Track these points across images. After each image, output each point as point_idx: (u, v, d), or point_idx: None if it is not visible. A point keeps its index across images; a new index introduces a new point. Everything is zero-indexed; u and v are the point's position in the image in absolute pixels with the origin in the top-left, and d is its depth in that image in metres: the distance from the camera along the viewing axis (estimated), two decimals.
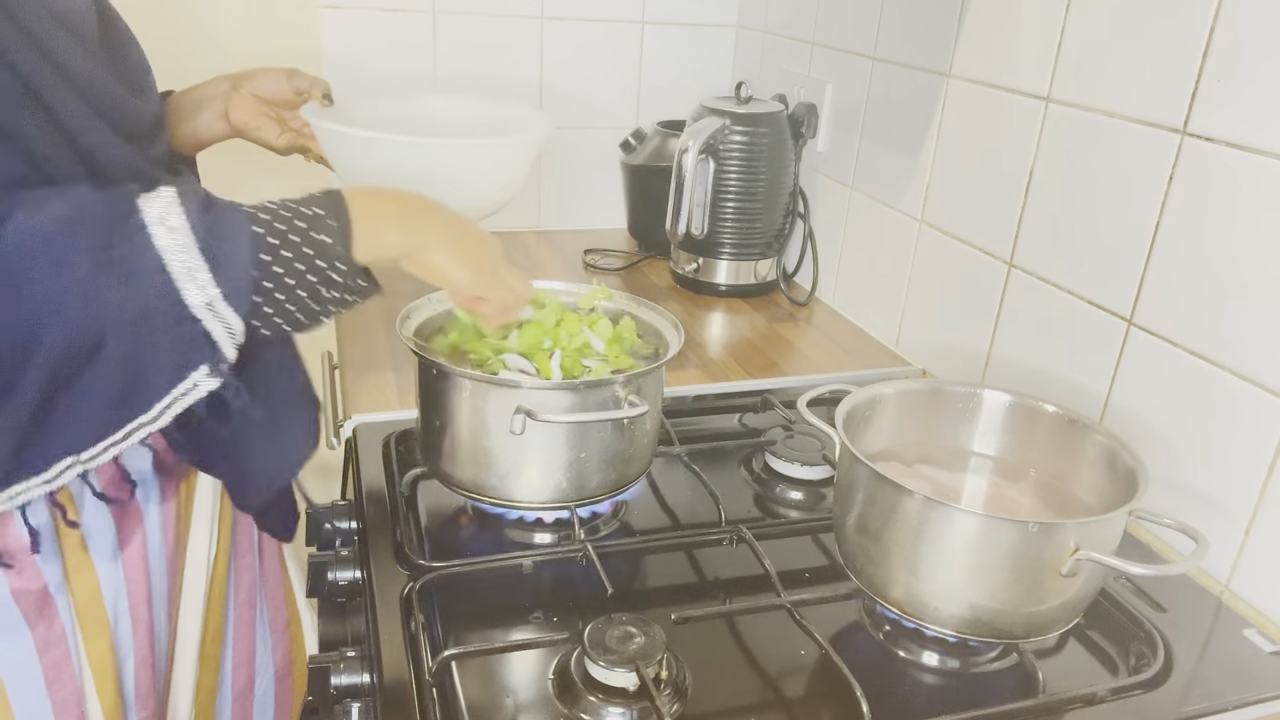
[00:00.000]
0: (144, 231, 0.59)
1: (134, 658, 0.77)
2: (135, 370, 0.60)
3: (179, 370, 0.61)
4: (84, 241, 0.57)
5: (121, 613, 0.75)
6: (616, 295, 0.93)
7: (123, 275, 0.58)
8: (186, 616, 0.84)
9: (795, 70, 1.43)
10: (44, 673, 0.71)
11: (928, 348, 1.17)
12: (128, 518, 0.75)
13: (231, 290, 0.61)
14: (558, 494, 0.79)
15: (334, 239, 0.66)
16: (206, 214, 0.61)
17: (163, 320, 0.59)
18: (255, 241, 0.63)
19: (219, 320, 0.61)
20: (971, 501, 0.77)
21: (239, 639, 0.92)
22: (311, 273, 0.65)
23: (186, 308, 0.60)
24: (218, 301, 0.61)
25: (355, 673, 0.69)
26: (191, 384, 0.62)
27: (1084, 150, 0.90)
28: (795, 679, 0.69)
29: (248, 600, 0.92)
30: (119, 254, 0.58)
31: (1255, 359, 0.76)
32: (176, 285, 0.59)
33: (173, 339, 0.60)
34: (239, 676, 0.92)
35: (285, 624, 0.98)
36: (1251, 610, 0.77)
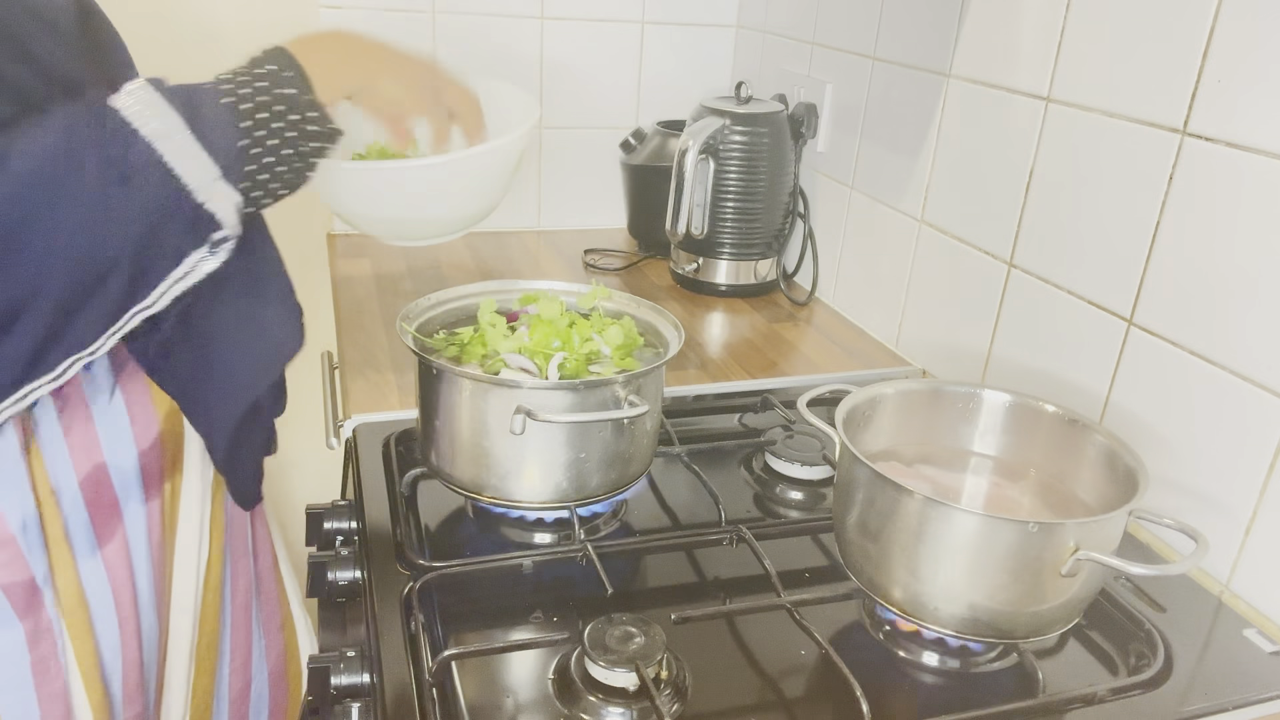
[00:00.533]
0: (128, 128, 0.59)
1: (121, 656, 0.76)
2: (142, 261, 0.61)
3: (180, 254, 0.62)
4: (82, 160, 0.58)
5: (105, 610, 0.75)
6: (616, 295, 0.93)
7: (122, 175, 0.58)
8: (178, 619, 0.84)
9: (795, 70, 1.43)
10: (32, 666, 0.71)
11: (928, 348, 1.17)
12: (105, 514, 0.74)
13: (227, 164, 0.63)
14: (558, 494, 0.79)
15: (298, 88, 0.67)
16: (178, 96, 0.62)
17: (169, 208, 0.60)
18: (231, 111, 0.64)
19: (222, 196, 0.63)
20: (971, 501, 0.77)
21: (236, 644, 0.91)
22: (289, 129, 0.67)
23: (189, 192, 0.61)
24: (217, 179, 0.62)
25: (355, 673, 0.69)
26: (194, 263, 0.63)
27: (1084, 150, 0.90)
28: (795, 679, 0.69)
29: (244, 604, 0.91)
30: (114, 155, 0.58)
31: (1255, 359, 0.76)
32: (174, 171, 0.60)
33: (179, 225, 0.61)
34: (236, 680, 0.92)
35: (279, 626, 0.98)
36: (1251, 610, 0.77)
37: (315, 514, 0.87)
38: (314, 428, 1.11)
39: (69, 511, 0.72)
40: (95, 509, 0.73)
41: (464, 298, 0.92)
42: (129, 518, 0.76)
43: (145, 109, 0.60)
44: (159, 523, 0.79)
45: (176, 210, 0.61)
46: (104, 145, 0.59)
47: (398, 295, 1.26)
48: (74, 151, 0.58)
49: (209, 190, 0.62)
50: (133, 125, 0.60)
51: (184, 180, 0.61)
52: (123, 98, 0.61)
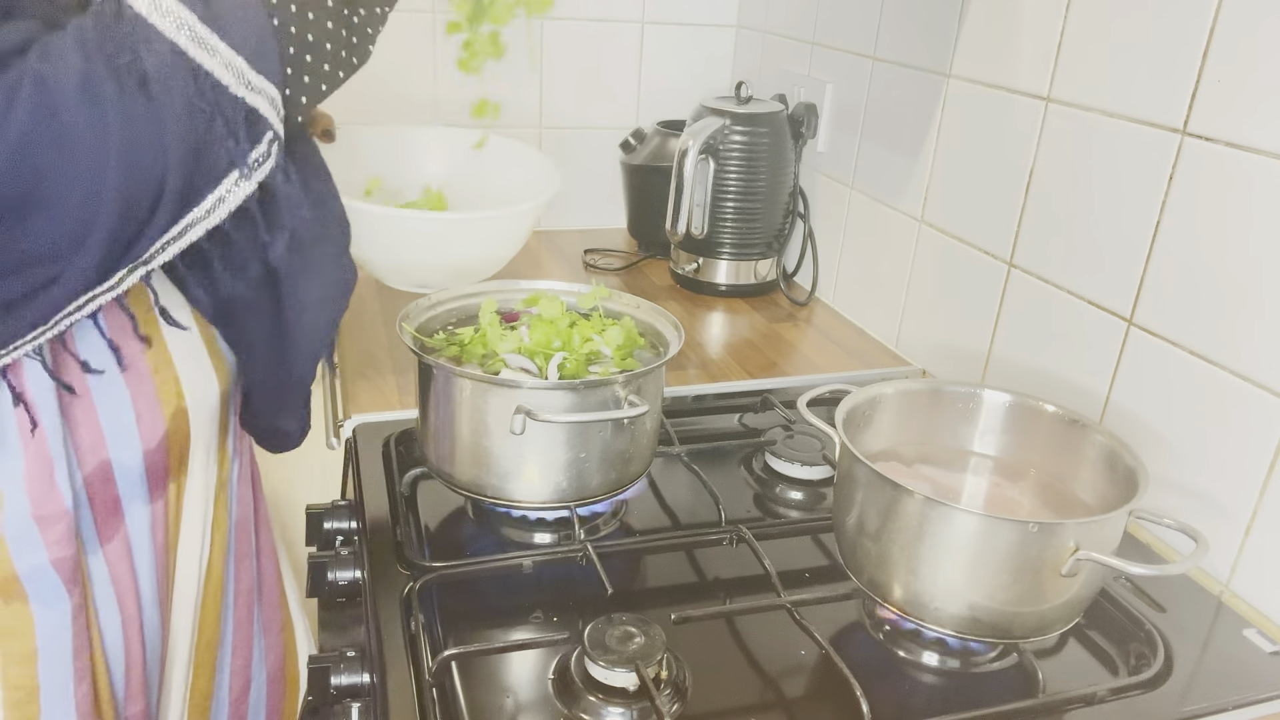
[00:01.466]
0: (142, 23, 0.56)
1: (125, 654, 0.76)
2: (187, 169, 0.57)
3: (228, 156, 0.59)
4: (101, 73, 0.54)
5: (108, 607, 0.75)
6: (616, 295, 0.93)
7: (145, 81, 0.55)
8: (179, 619, 0.84)
9: (795, 70, 1.43)
10: (73, 639, 0.71)
11: (928, 348, 1.17)
12: (107, 511, 0.74)
13: (254, 52, 0.58)
14: (558, 494, 0.79)
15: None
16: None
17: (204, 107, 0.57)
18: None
19: (255, 92, 0.58)
20: (971, 501, 0.77)
21: (238, 644, 0.91)
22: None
23: (222, 86, 0.57)
24: (246, 70, 0.57)
25: (355, 673, 0.69)
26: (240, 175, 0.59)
27: (1084, 150, 0.90)
28: (795, 679, 0.69)
29: (247, 605, 0.91)
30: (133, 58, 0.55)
31: (1255, 359, 0.76)
32: (203, 66, 0.56)
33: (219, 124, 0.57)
34: (236, 682, 0.91)
35: (279, 629, 0.98)
36: (1251, 610, 0.77)
37: (315, 514, 0.87)
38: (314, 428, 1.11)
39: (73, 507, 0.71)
40: (98, 506, 0.73)
41: (464, 298, 0.92)
42: (132, 516, 0.76)
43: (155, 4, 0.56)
44: (163, 523, 0.79)
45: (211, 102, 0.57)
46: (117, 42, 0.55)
47: (398, 295, 1.26)
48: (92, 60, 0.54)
49: (241, 83, 0.57)
50: (145, 18, 0.55)
51: (213, 73, 0.56)
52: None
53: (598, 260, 1.49)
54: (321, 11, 0.61)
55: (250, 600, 0.92)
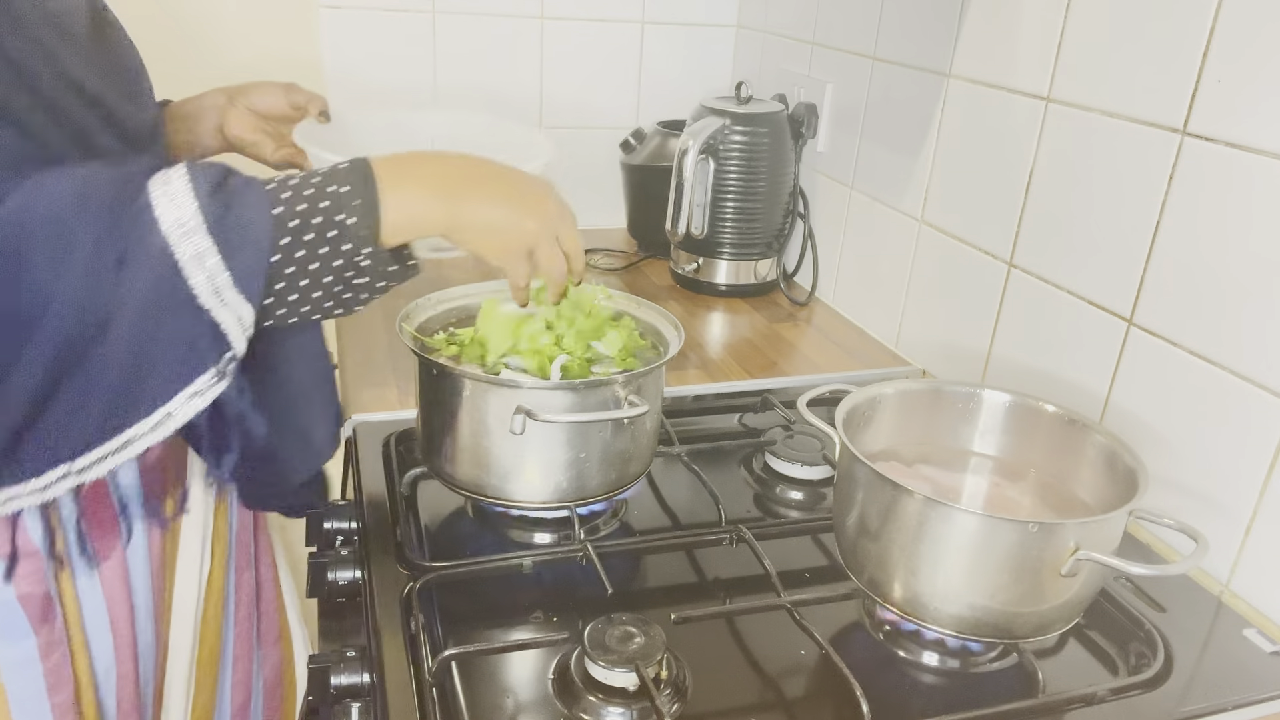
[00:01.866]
0: (150, 212, 0.56)
1: (116, 673, 0.75)
2: (136, 365, 0.57)
3: (182, 367, 0.58)
4: (88, 222, 0.54)
5: (100, 628, 0.74)
6: (616, 295, 0.93)
7: (124, 257, 0.55)
8: (178, 633, 0.83)
9: (795, 70, 1.43)
10: (45, 676, 0.70)
11: (928, 348, 1.17)
12: (103, 532, 0.73)
13: (242, 274, 0.57)
14: (558, 494, 0.79)
15: (359, 219, 0.61)
16: (220, 192, 0.58)
17: (168, 307, 0.56)
18: (274, 223, 0.59)
19: (228, 308, 0.58)
20: (971, 501, 0.77)
21: (239, 655, 0.90)
22: (336, 256, 0.61)
23: (193, 295, 0.56)
24: (227, 288, 0.57)
25: (355, 673, 0.69)
26: (194, 391, 0.58)
27: (1084, 150, 0.90)
28: (795, 679, 0.69)
29: (247, 615, 0.91)
30: (122, 235, 0.55)
31: (1255, 359, 0.76)
32: (183, 270, 0.56)
33: (178, 329, 0.57)
34: (237, 694, 0.91)
35: (276, 638, 0.97)
36: (1251, 610, 0.77)
37: (315, 514, 0.87)
38: None
39: (68, 530, 0.71)
40: (94, 527, 0.72)
41: (464, 298, 0.92)
42: (128, 535, 0.75)
43: (172, 195, 0.57)
44: (160, 538, 0.78)
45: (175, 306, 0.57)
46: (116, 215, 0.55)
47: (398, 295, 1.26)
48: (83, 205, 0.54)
49: (215, 297, 0.57)
50: (154, 208, 0.56)
51: (189, 280, 0.56)
52: (161, 181, 0.57)
53: (598, 260, 1.49)
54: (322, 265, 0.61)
55: (251, 609, 0.91)
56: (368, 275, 0.63)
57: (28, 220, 0.54)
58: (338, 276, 0.62)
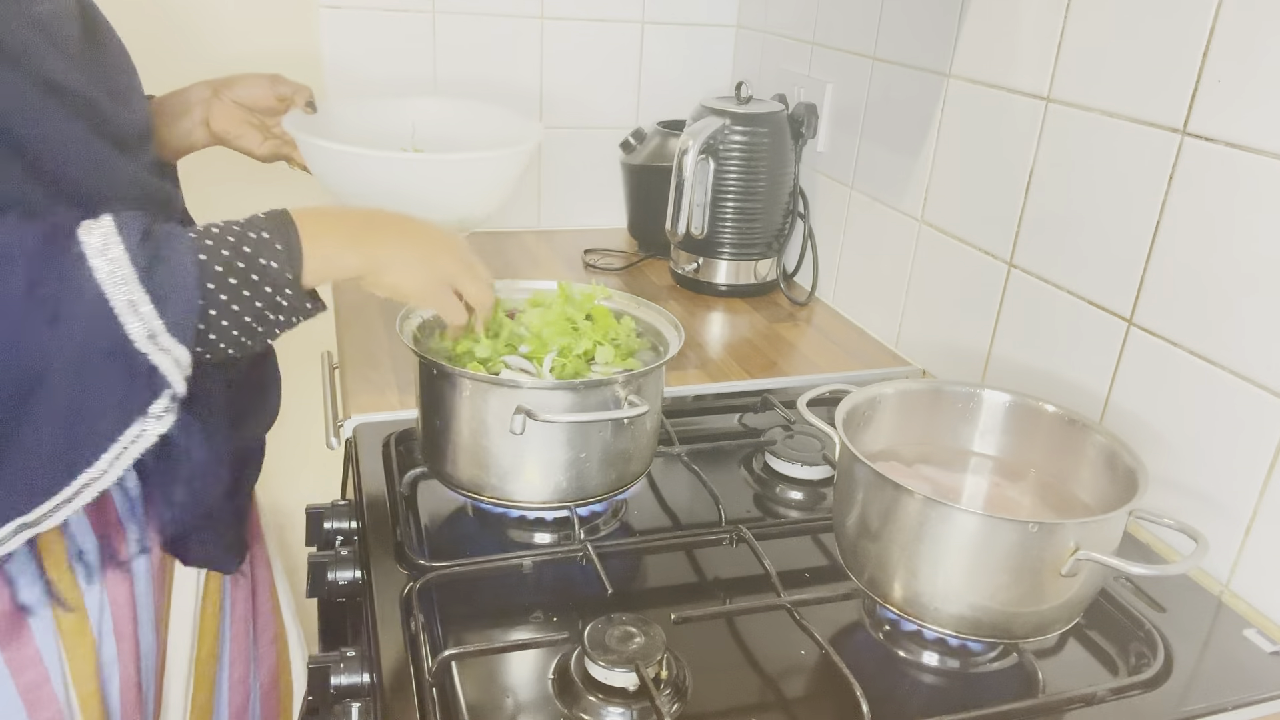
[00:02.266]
0: (83, 264, 0.57)
1: (119, 677, 0.75)
2: (79, 417, 0.58)
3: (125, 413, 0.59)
4: (18, 277, 0.55)
5: (106, 631, 0.73)
6: (616, 295, 0.93)
7: (58, 311, 0.56)
8: (176, 635, 0.82)
9: (795, 70, 1.43)
10: (20, 694, 0.69)
11: (928, 348, 1.17)
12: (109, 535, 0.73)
13: (175, 321, 0.59)
14: (557, 494, 0.79)
15: (280, 264, 0.65)
16: (147, 242, 0.59)
17: (105, 356, 0.57)
18: (200, 269, 0.61)
19: (164, 353, 0.59)
20: (971, 501, 0.77)
21: (235, 656, 0.90)
22: (258, 299, 0.64)
23: (129, 341, 0.58)
24: (161, 334, 0.59)
25: (355, 673, 0.69)
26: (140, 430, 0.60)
27: (1084, 150, 0.90)
28: (795, 679, 0.69)
29: (244, 616, 0.90)
30: (54, 289, 0.56)
31: (1255, 359, 0.76)
32: (118, 318, 0.57)
33: (116, 377, 0.58)
34: (235, 695, 0.90)
35: (272, 639, 0.97)
36: (1251, 610, 0.77)
37: (315, 514, 0.87)
38: (314, 428, 1.11)
39: (75, 535, 0.70)
40: (100, 531, 0.72)
41: None
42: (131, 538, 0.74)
43: (104, 248, 0.58)
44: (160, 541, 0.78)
45: (113, 353, 0.58)
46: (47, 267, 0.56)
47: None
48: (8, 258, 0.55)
49: (151, 341, 0.59)
50: (88, 259, 0.57)
51: (125, 326, 0.58)
52: (91, 230, 0.58)
53: (598, 260, 1.49)
54: (246, 311, 0.64)
55: (247, 610, 0.91)
56: (284, 314, 0.67)
57: None
58: (257, 316, 0.65)
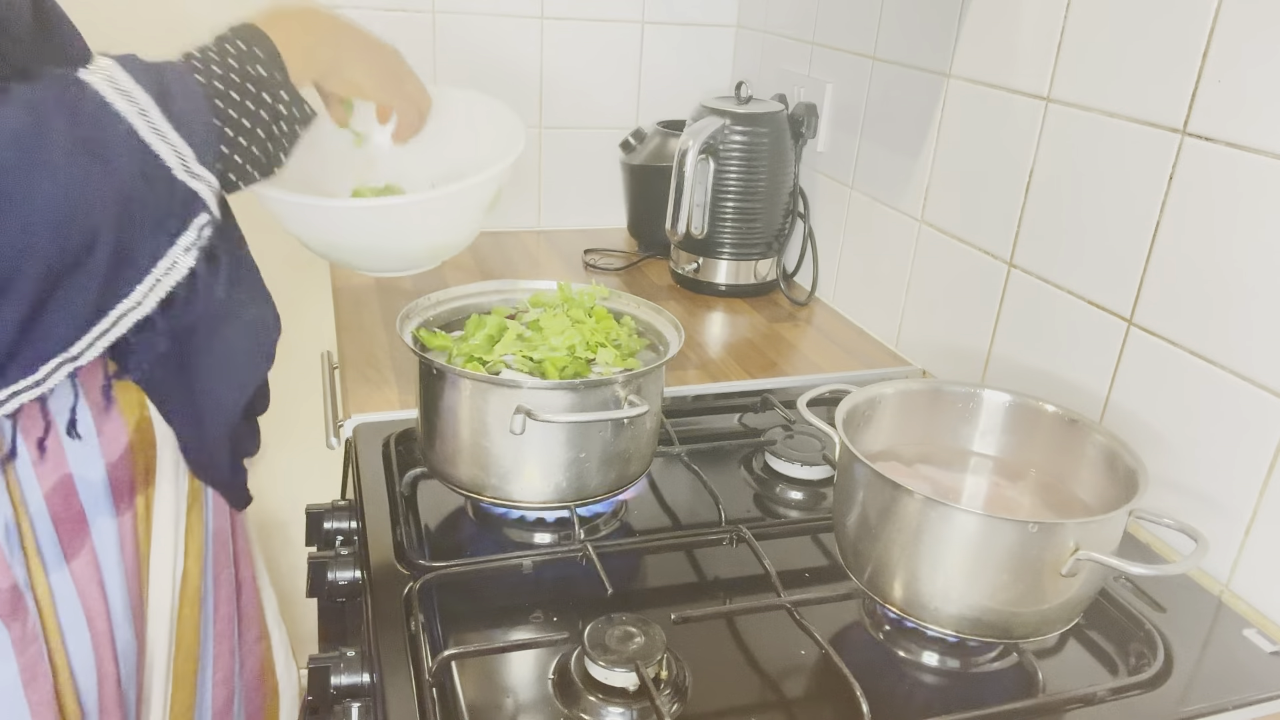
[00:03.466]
0: (104, 104, 0.57)
1: (96, 671, 0.74)
2: (121, 251, 0.59)
3: (163, 240, 0.60)
4: (54, 130, 0.55)
5: (76, 625, 0.73)
6: (616, 295, 0.93)
7: (99, 154, 0.56)
8: (155, 631, 0.82)
9: (795, 70, 1.43)
10: (20, 673, 0.69)
11: (928, 348, 1.17)
12: (71, 527, 0.72)
13: (200, 145, 0.61)
14: (557, 494, 0.79)
15: (268, 68, 0.66)
16: (153, 74, 0.60)
17: (147, 189, 0.58)
18: (205, 91, 0.62)
19: (198, 179, 0.61)
20: (971, 501, 0.77)
21: (220, 655, 0.89)
22: (261, 108, 0.65)
23: (167, 169, 0.59)
24: (191, 160, 0.60)
25: (355, 673, 0.69)
26: (171, 261, 0.61)
27: (1084, 150, 0.90)
28: (795, 679, 0.69)
29: (227, 615, 0.90)
30: (88, 134, 0.56)
31: (1255, 359, 0.76)
32: (151, 148, 0.58)
33: (159, 206, 0.59)
34: (219, 694, 0.90)
35: (257, 637, 0.96)
36: (1251, 610, 0.77)
37: (315, 514, 0.87)
38: (314, 428, 1.11)
39: (36, 524, 0.70)
40: (61, 523, 0.71)
41: (464, 298, 0.92)
42: (98, 532, 0.74)
43: (116, 85, 0.58)
44: (132, 536, 0.77)
45: (155, 186, 0.59)
46: (76, 118, 0.56)
47: (398, 295, 1.26)
48: (42, 124, 0.55)
49: (185, 170, 0.60)
50: (106, 100, 0.58)
51: (162, 158, 0.59)
52: (93, 73, 0.59)
53: (598, 260, 1.49)
54: (256, 124, 0.66)
55: (231, 609, 0.90)
56: (286, 121, 0.68)
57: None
58: (265, 128, 0.66)
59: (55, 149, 0.55)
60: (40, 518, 0.70)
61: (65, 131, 0.56)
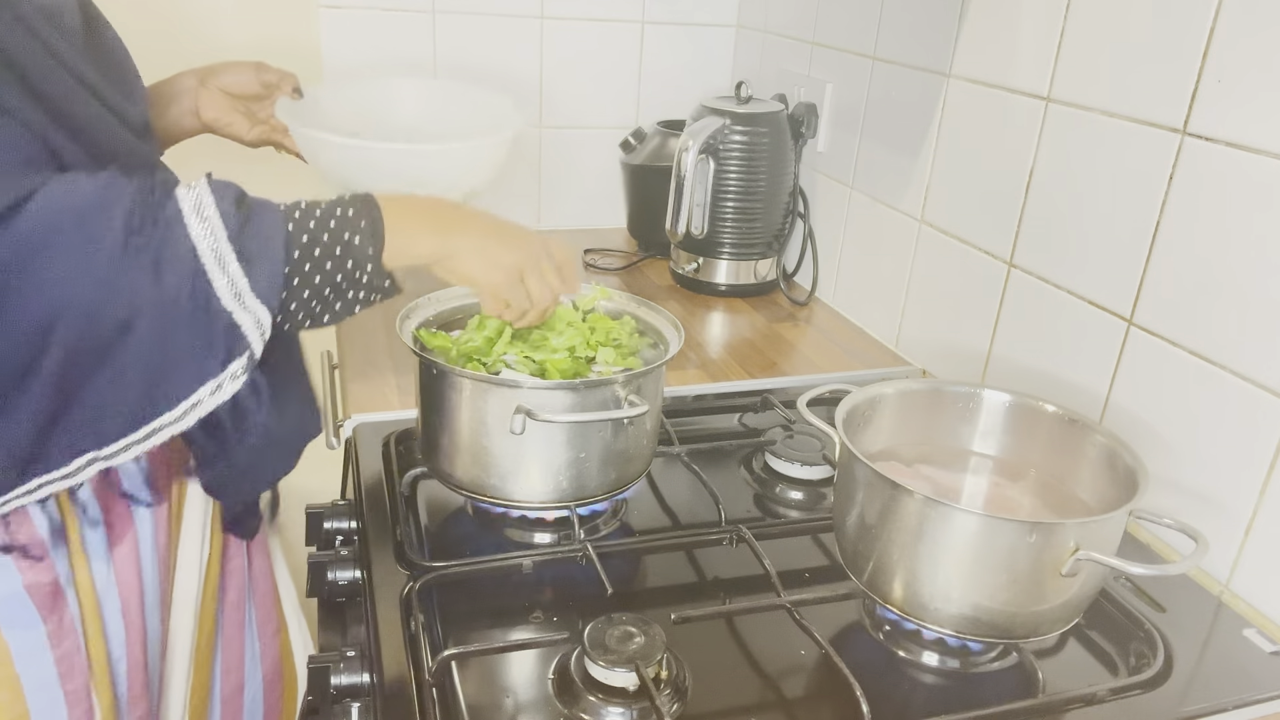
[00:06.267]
0: (179, 219, 0.59)
1: (127, 660, 0.77)
2: (160, 362, 0.60)
3: (205, 364, 0.61)
4: (117, 221, 0.57)
5: (113, 614, 0.75)
6: (616, 295, 0.93)
7: (153, 259, 0.58)
8: (179, 620, 0.84)
9: (795, 70, 1.43)
10: (56, 664, 0.71)
11: (928, 348, 1.17)
12: (118, 520, 0.74)
13: (261, 283, 0.62)
14: (557, 494, 0.79)
15: (364, 241, 0.67)
16: (240, 207, 0.62)
17: (191, 308, 0.59)
18: (287, 238, 0.63)
19: (248, 312, 0.62)
20: (971, 501, 0.77)
21: (228, 641, 0.91)
22: (339, 272, 0.66)
23: (217, 297, 0.60)
24: (247, 294, 0.61)
25: (355, 673, 0.69)
26: (217, 384, 0.62)
27: (1084, 150, 0.90)
28: (795, 679, 0.69)
29: (236, 602, 0.91)
30: (150, 237, 0.58)
31: (1255, 359, 0.76)
32: (207, 273, 0.59)
33: (200, 329, 0.60)
34: (228, 680, 0.92)
35: (274, 631, 0.97)
36: (1251, 610, 0.77)
37: (315, 514, 0.87)
38: None
39: (84, 515, 0.72)
40: (108, 512, 0.73)
41: (464, 297, 0.92)
42: (139, 519, 0.76)
43: (199, 207, 0.60)
44: (166, 525, 0.79)
45: (200, 306, 0.60)
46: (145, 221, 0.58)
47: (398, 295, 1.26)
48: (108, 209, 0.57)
49: (236, 300, 0.61)
50: (184, 217, 0.59)
51: (213, 282, 0.60)
52: (187, 192, 0.61)
53: (598, 260, 1.49)
54: (328, 285, 0.66)
55: (240, 598, 0.92)
56: (363, 290, 0.69)
57: (57, 216, 0.56)
58: (337, 291, 0.67)
59: (110, 237, 0.57)
60: (90, 508, 0.72)
61: (128, 228, 0.57)
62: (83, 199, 0.57)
